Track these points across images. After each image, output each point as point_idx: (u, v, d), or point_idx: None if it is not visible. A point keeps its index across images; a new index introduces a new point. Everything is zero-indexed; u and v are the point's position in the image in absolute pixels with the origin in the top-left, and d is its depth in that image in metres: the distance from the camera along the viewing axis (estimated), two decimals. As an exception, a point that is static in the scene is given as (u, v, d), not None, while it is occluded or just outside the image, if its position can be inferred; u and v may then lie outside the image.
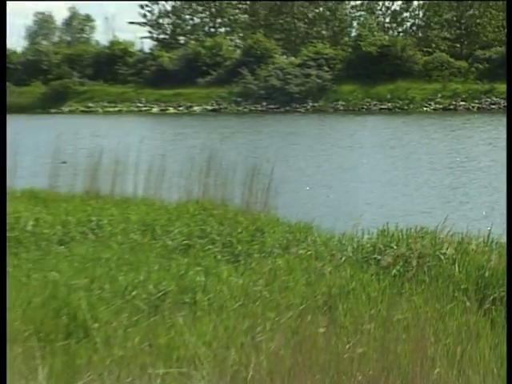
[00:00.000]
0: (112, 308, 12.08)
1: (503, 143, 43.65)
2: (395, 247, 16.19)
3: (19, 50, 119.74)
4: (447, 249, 16.01)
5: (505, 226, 16.84)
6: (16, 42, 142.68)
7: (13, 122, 49.32)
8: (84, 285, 13.13)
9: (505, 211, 13.96)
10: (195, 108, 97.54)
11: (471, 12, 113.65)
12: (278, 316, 10.94)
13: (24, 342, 10.01)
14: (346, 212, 24.89)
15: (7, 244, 8.60)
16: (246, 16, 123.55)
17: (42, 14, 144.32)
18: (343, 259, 15.81)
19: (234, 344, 9.70)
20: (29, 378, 9.37)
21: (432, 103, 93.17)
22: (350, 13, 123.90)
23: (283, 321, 10.34)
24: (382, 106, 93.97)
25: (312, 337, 8.12)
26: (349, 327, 9.29)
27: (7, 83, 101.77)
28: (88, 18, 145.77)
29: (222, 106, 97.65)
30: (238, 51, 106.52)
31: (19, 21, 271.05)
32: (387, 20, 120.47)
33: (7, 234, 8.81)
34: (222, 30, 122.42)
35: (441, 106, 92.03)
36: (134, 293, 12.92)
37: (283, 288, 13.54)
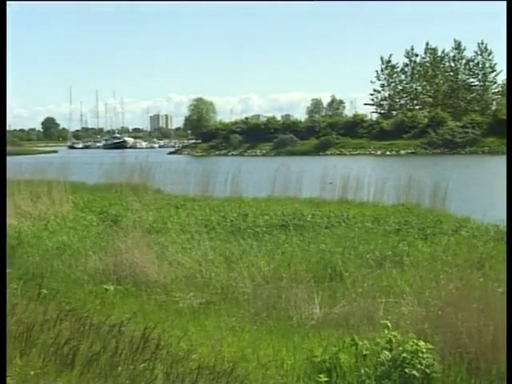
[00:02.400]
0: (355, 264, 12.05)
1: None
2: (520, 231, 15.55)
3: (303, 120, 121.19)
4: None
5: None
6: (300, 116, 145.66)
7: (301, 161, 50.26)
8: (339, 251, 13.15)
9: None
10: (401, 152, 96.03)
11: None
12: (451, 269, 10.66)
13: (306, 283, 10.10)
14: (492, 211, 23.91)
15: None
16: (430, 99, 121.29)
17: (316, 99, 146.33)
18: (488, 237, 15.27)
19: (427, 286, 9.52)
20: (309, 303, 9.47)
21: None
22: (491, 96, 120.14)
23: (454, 272, 10.06)
24: None
25: (471, 281, 7.87)
26: (492, 276, 8.93)
27: (295, 138, 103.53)
28: (351, 103, 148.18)
29: (417, 151, 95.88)
30: (426, 119, 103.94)
31: (303, 104, 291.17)
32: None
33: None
34: (417, 107, 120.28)
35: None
36: (367, 256, 12.85)
37: (453, 254, 13.19)
